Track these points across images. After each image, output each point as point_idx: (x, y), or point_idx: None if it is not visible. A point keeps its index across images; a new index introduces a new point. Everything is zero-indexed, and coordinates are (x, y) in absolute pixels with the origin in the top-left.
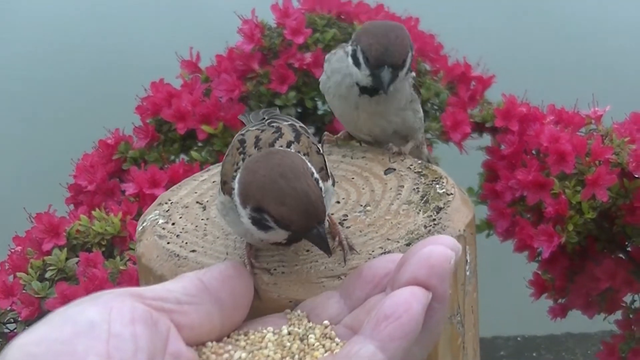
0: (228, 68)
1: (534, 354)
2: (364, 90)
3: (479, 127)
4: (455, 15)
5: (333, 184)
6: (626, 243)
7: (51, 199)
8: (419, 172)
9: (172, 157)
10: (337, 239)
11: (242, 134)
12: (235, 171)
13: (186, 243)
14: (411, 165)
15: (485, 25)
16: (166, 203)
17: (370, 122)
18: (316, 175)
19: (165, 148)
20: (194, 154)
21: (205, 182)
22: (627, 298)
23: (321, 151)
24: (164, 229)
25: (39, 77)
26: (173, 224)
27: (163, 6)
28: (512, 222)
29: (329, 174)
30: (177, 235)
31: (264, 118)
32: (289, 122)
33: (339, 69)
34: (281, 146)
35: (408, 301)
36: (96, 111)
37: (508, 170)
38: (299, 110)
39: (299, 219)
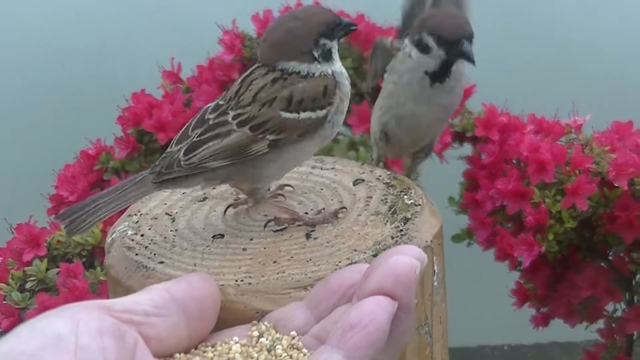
0: (209, 78)
1: None
2: (434, 78)
3: (460, 137)
4: None
5: None
6: (607, 252)
7: (33, 210)
8: (387, 182)
9: None
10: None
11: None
12: None
13: (154, 254)
14: (380, 176)
15: None
16: (135, 214)
17: (437, 124)
18: None
19: (147, 158)
20: None
21: (174, 194)
22: (609, 307)
23: None
24: (132, 240)
25: (19, 87)
26: (142, 235)
27: (144, 17)
28: (492, 232)
29: None
30: (146, 247)
31: None
32: None
33: (407, 68)
34: None
35: (374, 310)
36: (77, 121)
37: (488, 180)
38: None
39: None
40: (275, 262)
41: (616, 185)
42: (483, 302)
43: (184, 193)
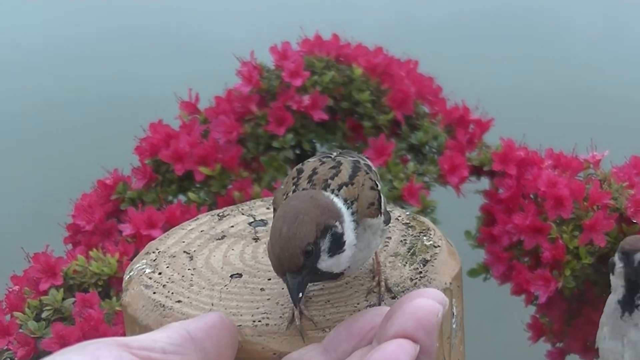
0: (226, 109)
1: None
2: (623, 306)
3: (477, 171)
4: (454, 57)
5: (386, 221)
6: None
7: (49, 239)
8: (406, 223)
9: (170, 198)
10: (376, 279)
11: (303, 164)
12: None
13: (172, 293)
14: (399, 216)
15: (484, 69)
16: (153, 252)
17: None
18: (331, 223)
19: (163, 189)
20: (191, 195)
21: (192, 232)
22: None
23: (377, 187)
24: (150, 278)
25: (38, 117)
26: (160, 273)
27: (162, 47)
28: (509, 266)
29: (382, 211)
30: (164, 285)
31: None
32: (355, 159)
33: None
34: (332, 187)
35: (395, 354)
36: (95, 150)
37: (505, 214)
38: (297, 152)
39: (273, 261)
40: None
41: (634, 221)
42: (498, 337)
43: (202, 231)
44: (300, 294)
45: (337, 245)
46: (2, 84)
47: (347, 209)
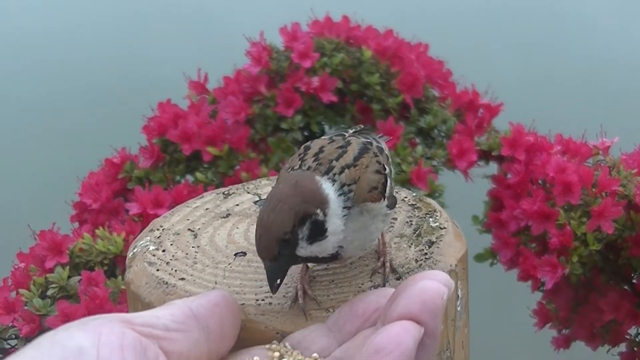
0: (235, 90)
1: None
2: None
3: (486, 155)
4: (465, 41)
5: (391, 206)
6: (631, 275)
7: (56, 217)
8: (412, 204)
9: (177, 178)
10: (381, 259)
11: (311, 141)
12: None
13: (175, 271)
14: (405, 197)
15: (494, 53)
16: (158, 229)
17: None
18: (311, 210)
19: (170, 169)
20: (199, 175)
21: (197, 209)
22: (632, 331)
23: (384, 171)
24: (154, 255)
25: (46, 94)
26: (163, 250)
27: (172, 27)
28: (516, 252)
29: (386, 195)
30: (167, 263)
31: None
32: (368, 140)
33: None
34: (334, 171)
35: (400, 336)
36: (103, 129)
37: (513, 200)
38: (305, 134)
39: (256, 245)
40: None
41: None
42: (504, 323)
43: (207, 209)
44: (279, 280)
45: (318, 232)
46: (10, 63)
47: (340, 195)
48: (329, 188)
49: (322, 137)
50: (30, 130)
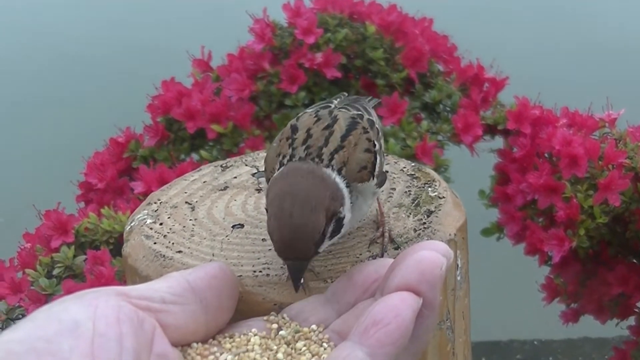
0: (239, 67)
1: (551, 358)
2: None
3: (491, 130)
4: (469, 16)
5: (380, 184)
6: (639, 248)
7: (61, 197)
8: (411, 174)
9: (182, 156)
10: (380, 229)
11: (297, 119)
12: (280, 164)
13: (173, 243)
14: (404, 167)
15: (499, 27)
16: (155, 203)
17: None
18: (337, 209)
19: (175, 147)
20: (203, 153)
21: (195, 182)
22: None
23: (374, 148)
24: (151, 229)
25: (52, 75)
26: (161, 224)
27: (175, 5)
28: (522, 226)
29: (375, 174)
30: (164, 236)
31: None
32: (358, 112)
33: None
34: (326, 161)
35: (398, 307)
36: (107, 109)
37: (519, 174)
38: None
39: (279, 245)
40: None
41: None
42: (513, 297)
43: (204, 182)
44: (302, 280)
45: (338, 228)
46: (17, 45)
47: (343, 181)
48: (341, 182)
49: (308, 112)
50: (35, 113)
